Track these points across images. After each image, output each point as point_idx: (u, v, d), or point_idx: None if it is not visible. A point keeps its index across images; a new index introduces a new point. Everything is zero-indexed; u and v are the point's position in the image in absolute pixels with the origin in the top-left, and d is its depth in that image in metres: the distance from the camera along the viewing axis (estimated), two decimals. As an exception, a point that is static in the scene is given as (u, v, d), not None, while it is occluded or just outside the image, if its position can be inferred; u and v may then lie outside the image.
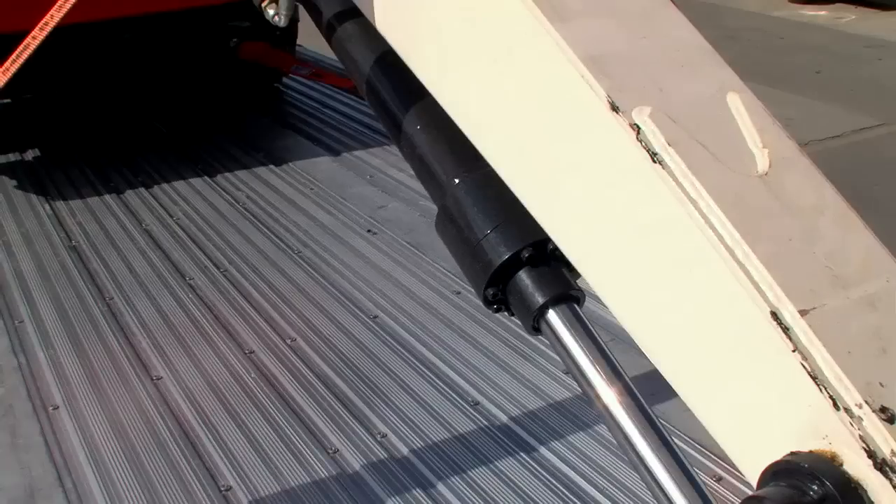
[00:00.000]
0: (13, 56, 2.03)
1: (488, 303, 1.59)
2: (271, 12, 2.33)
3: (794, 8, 10.39)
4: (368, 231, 4.37)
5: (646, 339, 1.30)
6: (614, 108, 1.28)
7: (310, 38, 6.81)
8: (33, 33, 2.01)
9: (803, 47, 8.94)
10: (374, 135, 5.75)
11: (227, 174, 5.34)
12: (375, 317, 3.61)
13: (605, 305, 1.32)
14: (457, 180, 1.67)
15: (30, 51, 1.99)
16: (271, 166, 5.40)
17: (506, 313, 1.61)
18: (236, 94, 6.82)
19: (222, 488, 2.76)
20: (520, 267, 1.53)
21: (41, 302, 3.99)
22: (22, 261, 4.43)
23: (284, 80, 7.05)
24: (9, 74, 1.99)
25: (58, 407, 3.22)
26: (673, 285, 1.25)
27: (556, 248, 1.50)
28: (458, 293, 3.71)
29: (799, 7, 10.38)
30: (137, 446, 2.98)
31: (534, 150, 1.45)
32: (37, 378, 3.41)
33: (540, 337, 3.16)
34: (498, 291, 1.57)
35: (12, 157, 5.94)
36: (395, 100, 1.92)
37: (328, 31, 2.17)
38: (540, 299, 1.51)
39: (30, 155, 6.01)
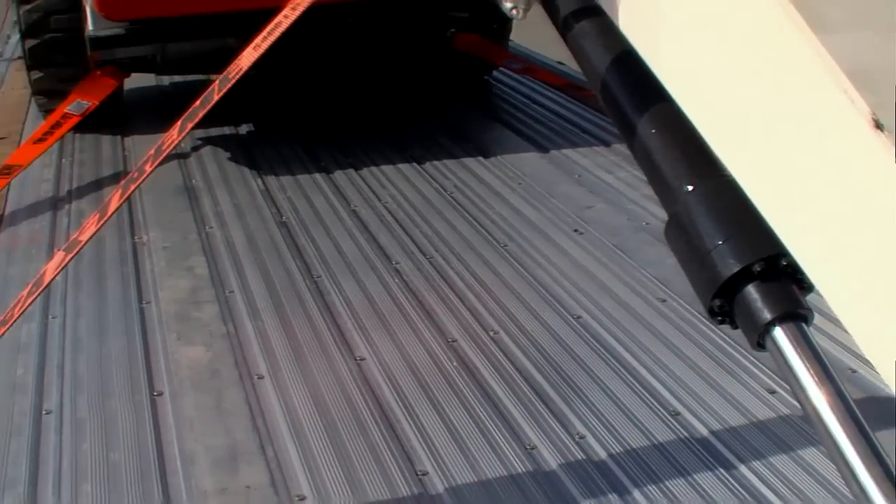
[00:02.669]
0: (264, 33, 2.09)
1: (713, 314, 1.57)
2: (509, 5, 2.32)
3: None
4: (575, 230, 4.36)
5: (887, 365, 1.26)
6: (878, 126, 1.24)
7: (521, 34, 6.84)
8: (284, 12, 2.07)
9: None
10: (583, 134, 5.74)
11: (435, 162, 5.40)
12: (579, 317, 3.59)
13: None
14: (689, 187, 1.64)
15: (281, 29, 2.04)
16: (479, 158, 5.44)
17: (728, 326, 1.58)
18: (447, 84, 6.89)
19: (419, 473, 2.78)
20: (749, 280, 1.50)
21: (251, 273, 4.11)
22: (233, 232, 4.58)
23: (494, 73, 7.10)
24: (260, 51, 2.05)
25: (262, 377, 3.31)
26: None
27: (788, 265, 1.47)
28: (664, 301, 3.66)
29: None
30: (338, 423, 3.03)
31: (784, 161, 1.41)
32: (244, 347, 3.52)
33: (744, 352, 3.11)
34: (724, 303, 1.54)
35: (227, 130, 6.14)
36: (630, 100, 1.90)
37: (564, 28, 2.17)
38: (768, 315, 1.48)
39: (243, 129, 6.20)
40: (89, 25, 5.50)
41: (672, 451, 2.85)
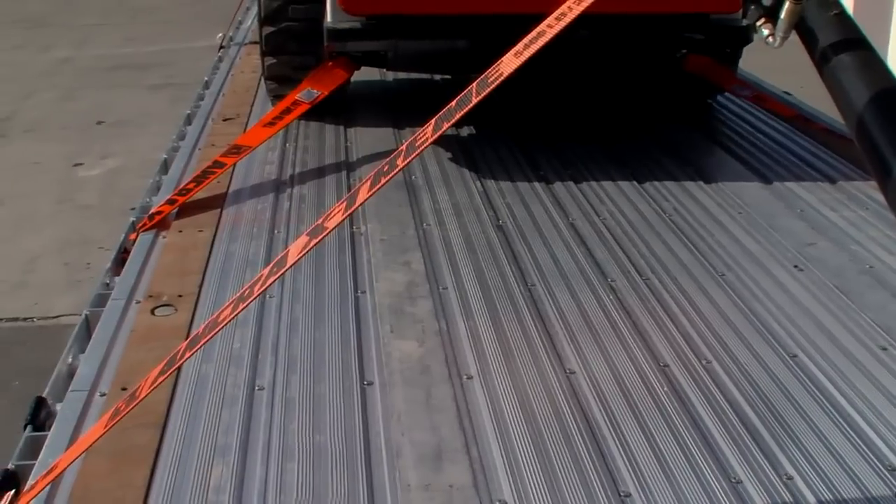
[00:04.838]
0: (526, 41, 2.09)
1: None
2: (766, 32, 2.29)
3: None
4: (795, 266, 4.25)
5: None
6: None
7: (747, 62, 6.74)
8: (548, 22, 2.07)
9: None
10: (808, 169, 5.60)
11: (654, 182, 5.36)
12: (795, 356, 3.50)
13: None
14: (945, 236, 1.58)
15: (544, 39, 2.04)
16: (700, 182, 5.37)
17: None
18: (672, 105, 6.83)
19: (622, 493, 2.76)
20: None
21: (465, 273, 4.16)
22: (450, 231, 4.64)
23: (718, 97, 7.01)
24: (522, 58, 2.05)
25: (472, 377, 3.34)
26: None
27: None
28: (885, 349, 3.54)
29: None
30: (544, 432, 3.03)
31: None
32: (455, 345, 3.56)
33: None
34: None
35: (448, 130, 6.17)
36: (888, 139, 1.85)
37: (821, 59, 2.13)
38: None
39: (465, 131, 6.26)
40: (328, 17, 5.64)
41: (886, 508, 2.75)
